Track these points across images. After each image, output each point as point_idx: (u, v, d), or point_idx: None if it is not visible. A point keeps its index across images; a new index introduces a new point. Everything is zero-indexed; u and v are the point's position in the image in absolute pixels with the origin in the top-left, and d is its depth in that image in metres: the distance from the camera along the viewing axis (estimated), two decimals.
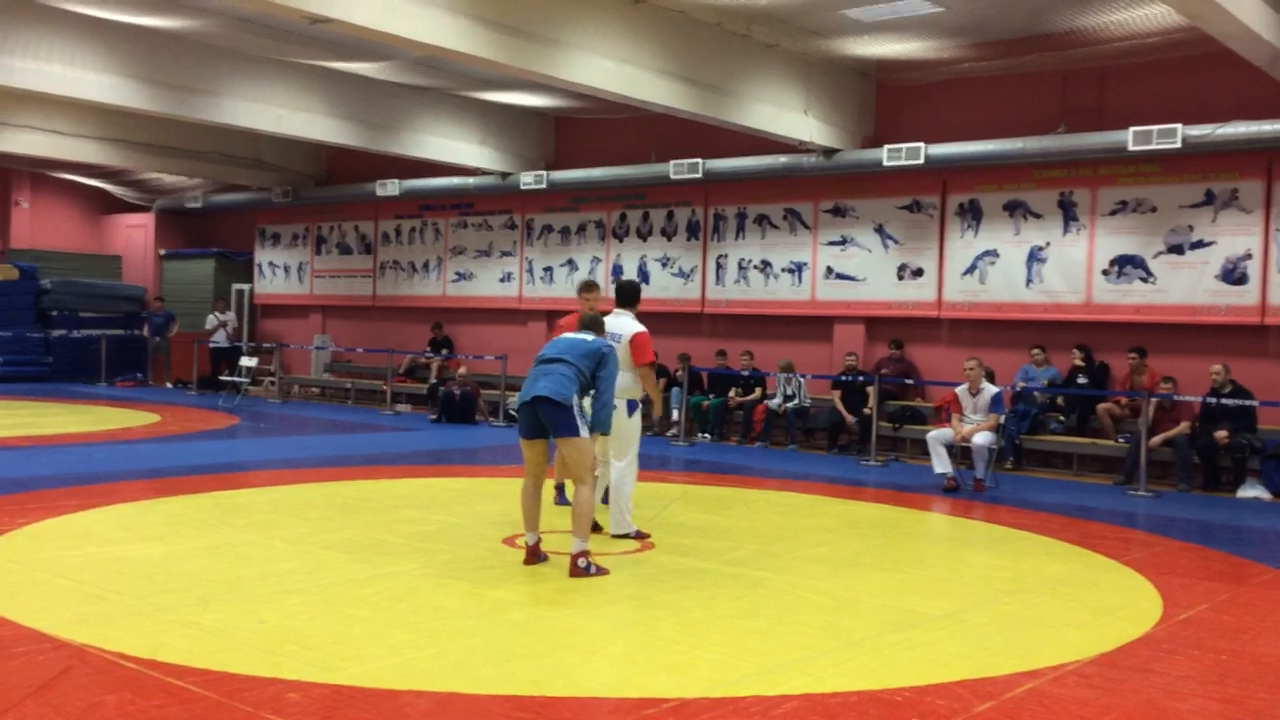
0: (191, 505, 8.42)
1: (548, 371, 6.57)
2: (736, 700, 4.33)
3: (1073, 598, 6.44)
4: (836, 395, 14.21)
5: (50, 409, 16.26)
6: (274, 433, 14.64)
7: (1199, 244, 12.44)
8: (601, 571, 6.44)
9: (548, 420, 6.52)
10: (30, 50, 13.09)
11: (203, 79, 14.54)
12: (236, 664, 4.53)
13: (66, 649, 4.68)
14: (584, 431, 6.53)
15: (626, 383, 7.58)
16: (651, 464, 12.36)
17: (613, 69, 11.40)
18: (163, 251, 23.80)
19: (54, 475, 9.60)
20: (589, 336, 6.85)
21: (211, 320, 21.15)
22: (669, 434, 15.15)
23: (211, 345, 20.94)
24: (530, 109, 16.98)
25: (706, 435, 15.06)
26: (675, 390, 15.25)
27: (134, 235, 24.42)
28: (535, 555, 6.66)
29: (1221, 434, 11.39)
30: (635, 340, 7.73)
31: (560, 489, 8.76)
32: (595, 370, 6.64)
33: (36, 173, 22.97)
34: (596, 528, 7.43)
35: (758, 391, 15.03)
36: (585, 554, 6.44)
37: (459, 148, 16.87)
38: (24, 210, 23.70)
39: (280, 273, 22.29)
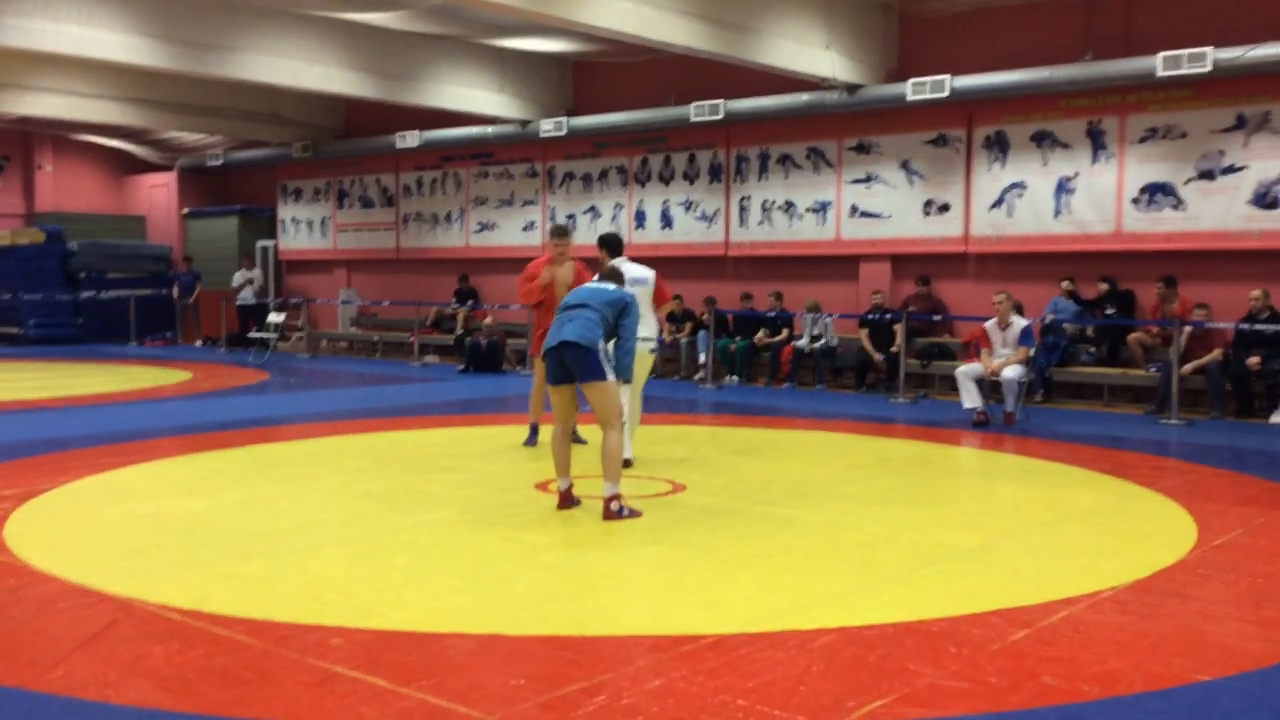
0: (227, 460, 8.52)
1: (572, 318, 6.59)
2: (773, 635, 4.36)
3: (1106, 526, 6.44)
4: (864, 334, 14.15)
5: (82, 370, 16.44)
6: (304, 387, 14.76)
7: (1230, 169, 12.24)
8: (634, 514, 6.48)
9: (574, 365, 6.52)
10: (48, 11, 13.08)
11: (219, 35, 14.49)
12: (279, 613, 4.60)
13: (112, 602, 4.76)
14: (610, 375, 6.54)
15: (651, 324, 8.13)
16: (680, 407, 12.41)
17: (630, 10, 11.27)
18: (186, 210, 23.89)
19: (90, 434, 9.72)
20: (610, 286, 6.86)
21: (238, 277, 21.25)
22: (696, 377, 15.16)
23: (239, 303, 21.06)
24: (548, 55, 16.84)
25: (734, 377, 15.06)
26: (702, 333, 15.23)
27: (157, 195, 24.51)
28: (568, 500, 6.71)
29: (1254, 360, 11.29)
30: (660, 282, 8.26)
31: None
32: (619, 318, 6.68)
33: (58, 135, 23.04)
34: (627, 463, 7.75)
35: (785, 332, 15.00)
36: (617, 497, 6.48)
37: (477, 96, 16.77)
38: (47, 174, 23.82)
39: (303, 228, 22.34)
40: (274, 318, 19.13)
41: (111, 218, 24.16)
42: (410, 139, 18.85)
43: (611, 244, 8.28)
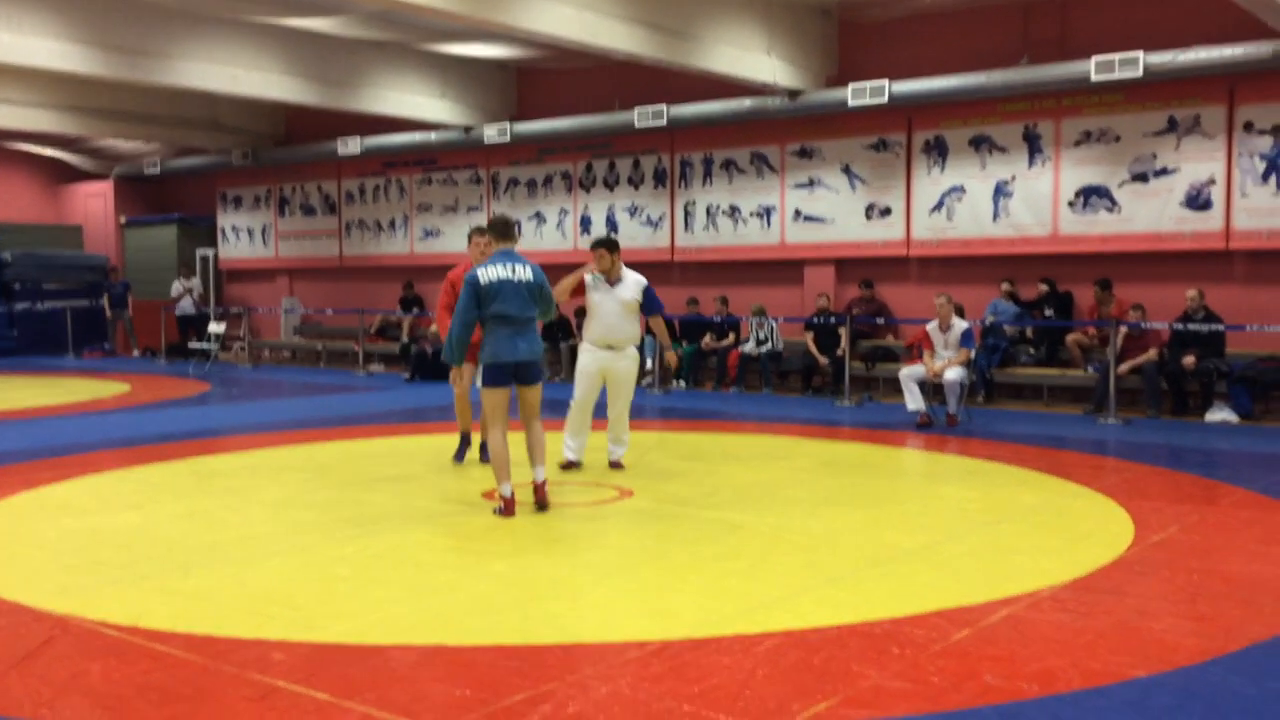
0: (167, 473, 8.39)
1: (522, 332, 6.74)
2: (719, 640, 4.38)
3: (1046, 525, 6.54)
4: (809, 337, 14.26)
5: (18, 382, 16.11)
6: (246, 398, 14.57)
7: (1163, 171, 12.50)
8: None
9: (523, 375, 6.80)
10: None
11: (155, 41, 14.28)
12: (219, 627, 4.54)
13: (48, 620, 4.67)
14: (544, 376, 7.02)
15: (634, 331, 8.42)
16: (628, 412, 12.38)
17: (572, 16, 11.27)
18: (123, 219, 23.49)
19: (26, 448, 9.52)
20: (526, 274, 6.75)
21: (176, 287, 20.96)
22: (644, 383, 15.16)
23: (178, 313, 20.77)
24: (491, 60, 16.78)
25: (681, 382, 15.10)
26: (648, 339, 15.23)
27: (93, 204, 24.08)
28: (513, 506, 6.69)
29: (1189, 359, 11.52)
30: (652, 293, 8.53)
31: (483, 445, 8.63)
32: (544, 296, 6.92)
33: None
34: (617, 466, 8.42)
35: (731, 337, 15.06)
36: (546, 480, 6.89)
37: (420, 102, 16.67)
38: None
39: (244, 236, 22.06)
40: (214, 328, 18.87)
41: (47, 228, 23.68)
42: (352, 145, 18.69)
43: (614, 244, 8.41)
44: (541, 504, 6.75)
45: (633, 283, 8.34)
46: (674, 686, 3.86)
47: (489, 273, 6.67)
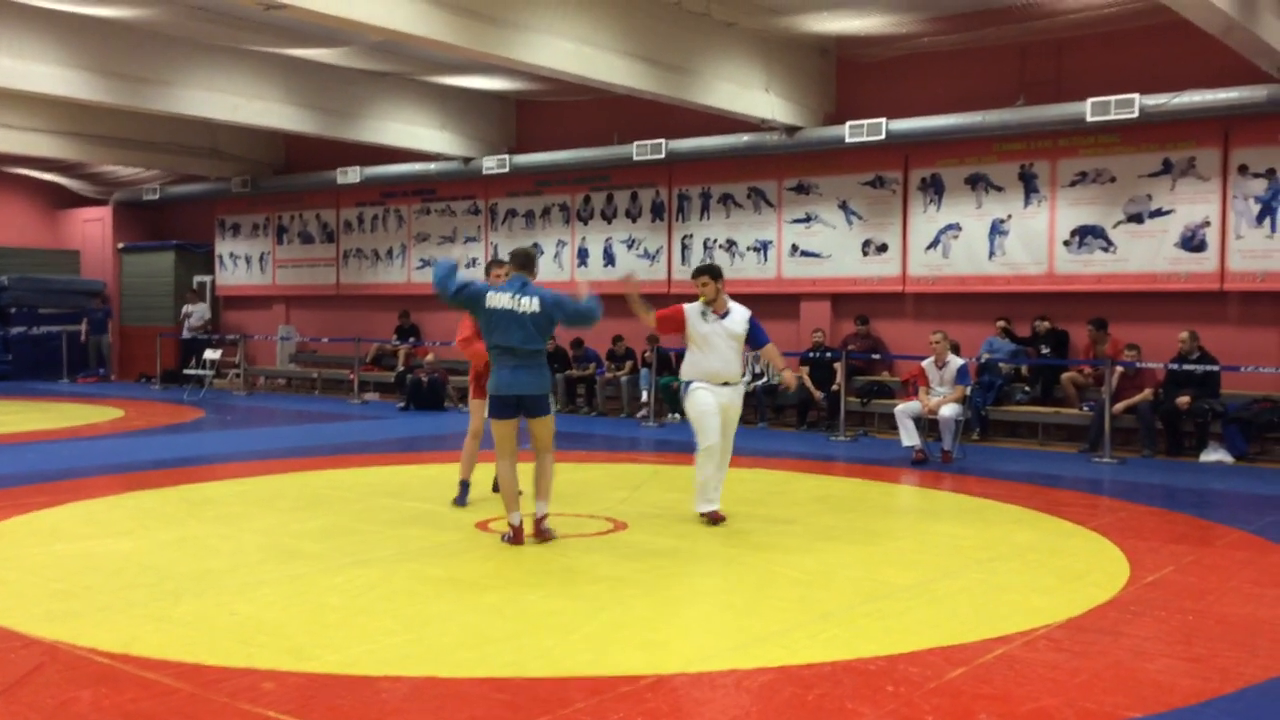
0: (159, 499, 8.36)
1: (526, 365, 6.69)
2: (712, 675, 4.36)
3: (1041, 564, 6.52)
4: (804, 372, 14.26)
5: (12, 407, 16.05)
6: (240, 425, 14.53)
7: (1158, 212, 12.56)
8: (550, 534, 6.83)
9: (528, 407, 6.77)
10: None
11: (156, 69, 14.35)
12: (210, 656, 4.51)
13: (37, 646, 4.63)
14: (553, 409, 6.90)
15: (740, 363, 7.80)
16: (621, 445, 12.40)
17: (572, 50, 11.35)
18: (121, 245, 23.51)
19: (19, 473, 9.48)
20: (532, 305, 6.66)
21: (187, 309, 21.13)
22: (639, 415, 15.17)
23: (184, 336, 20.84)
24: (490, 93, 16.88)
25: (676, 416, 15.07)
26: (644, 371, 15.25)
27: (91, 229, 24.10)
28: (521, 536, 6.75)
29: (1183, 399, 11.54)
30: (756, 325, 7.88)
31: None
32: (553, 326, 6.83)
33: None
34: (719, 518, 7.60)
35: None
36: (547, 515, 6.84)
37: (419, 133, 16.75)
38: None
39: (241, 264, 22.08)
40: (210, 354, 18.85)
41: (44, 252, 23.69)
42: (351, 175, 18.75)
43: (715, 272, 7.72)
44: (541, 537, 6.73)
45: (740, 315, 7.74)
46: None
47: (496, 298, 6.73)
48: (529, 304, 6.68)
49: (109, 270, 23.59)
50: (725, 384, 7.65)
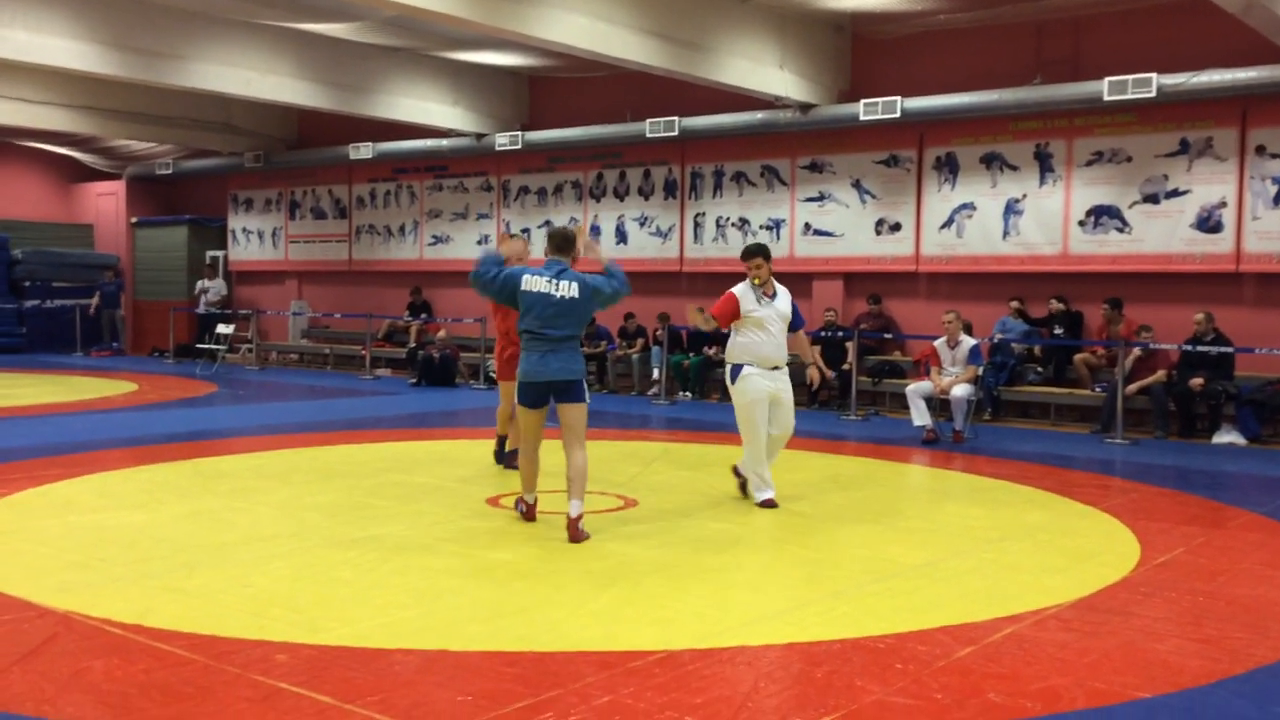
0: (173, 472, 8.40)
1: (556, 349, 6.33)
2: (721, 651, 4.37)
3: (1051, 544, 6.52)
4: (816, 350, 14.22)
5: (26, 380, 16.14)
6: (253, 399, 14.59)
7: (1174, 193, 12.48)
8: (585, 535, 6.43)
9: (560, 391, 6.43)
10: None
11: (171, 43, 14.34)
12: (223, 628, 4.54)
13: (51, 616, 4.67)
14: (587, 396, 6.54)
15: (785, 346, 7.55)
16: (632, 423, 12.42)
17: (586, 26, 11.30)
18: (134, 219, 23.56)
19: (33, 445, 9.54)
20: (571, 290, 6.34)
21: (200, 285, 21.18)
22: (650, 393, 15.18)
23: (200, 311, 20.93)
24: (503, 68, 16.84)
25: (687, 394, 15.09)
26: (655, 349, 15.26)
27: (105, 203, 24.15)
28: (534, 514, 6.77)
29: (1197, 381, 11.49)
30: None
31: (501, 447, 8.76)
32: (590, 314, 6.64)
33: (3, 142, 22.64)
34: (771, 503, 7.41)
35: None
36: (583, 515, 6.40)
37: (432, 109, 16.73)
38: None
39: (254, 239, 22.11)
40: (223, 329, 18.91)
41: (58, 226, 23.76)
42: (364, 150, 18.74)
43: (768, 253, 7.54)
44: (576, 538, 6.27)
45: (785, 295, 7.56)
46: (677, 697, 3.85)
47: (532, 281, 6.38)
48: (568, 289, 6.34)
49: (122, 245, 23.65)
50: (775, 368, 7.42)
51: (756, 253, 7.49)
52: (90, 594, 5.00)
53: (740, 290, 7.50)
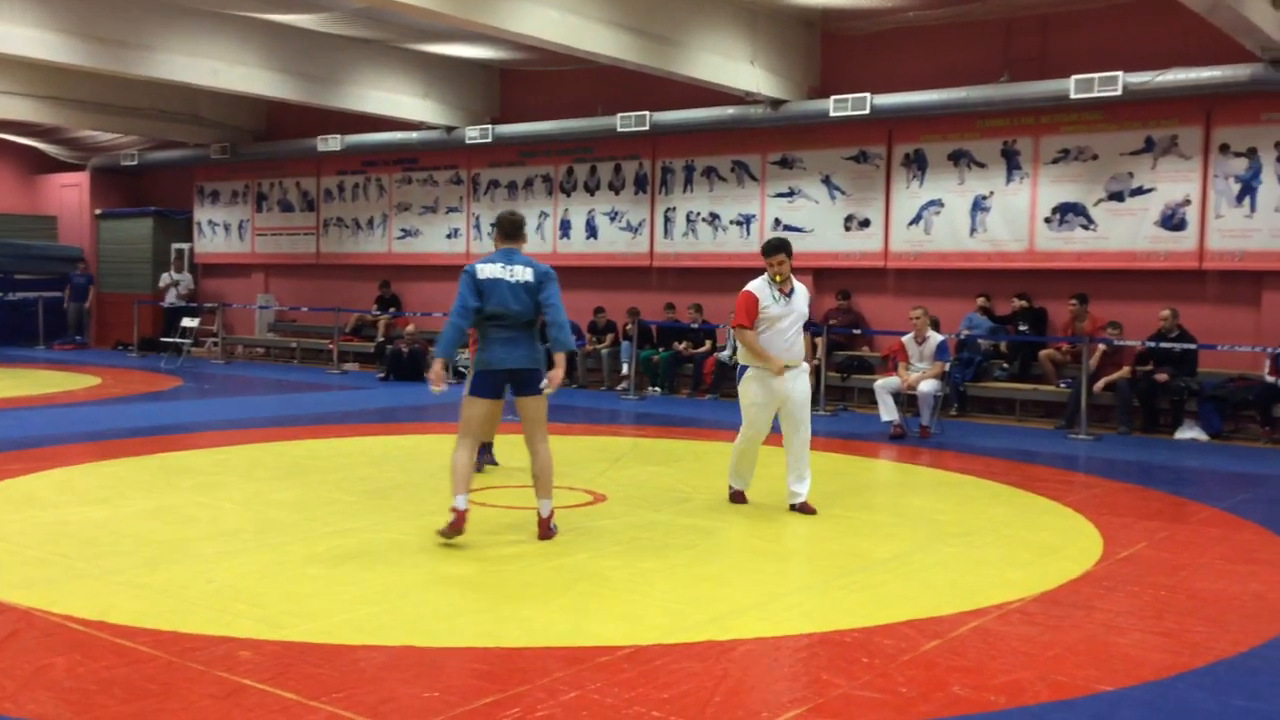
0: (136, 467, 8.32)
1: (519, 338, 6.20)
2: (690, 646, 4.38)
3: (1015, 539, 6.57)
4: (819, 344, 14.27)
5: None
6: (218, 393, 14.47)
7: (1139, 191, 12.60)
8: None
9: (519, 382, 6.25)
10: None
11: (137, 33, 14.17)
12: (186, 624, 4.50)
13: (12, 612, 4.62)
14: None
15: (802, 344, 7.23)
16: (602, 418, 12.41)
17: (557, 19, 11.27)
18: (99, 211, 23.28)
19: None
20: (525, 275, 6.20)
21: (165, 279, 20.92)
22: (619, 388, 15.18)
23: (166, 305, 20.71)
24: (474, 61, 16.76)
25: (657, 389, 15.10)
26: (625, 344, 15.25)
27: (68, 195, 23.85)
28: (464, 521, 6.03)
29: (1161, 376, 11.61)
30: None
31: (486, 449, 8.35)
32: (539, 298, 6.23)
33: None
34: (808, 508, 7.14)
35: (708, 344, 15.08)
36: (553, 514, 6.31)
37: (402, 101, 16.62)
38: None
39: (220, 231, 21.91)
40: (188, 322, 18.73)
41: (21, 217, 23.42)
42: (332, 143, 18.60)
43: (789, 249, 7.36)
44: (544, 537, 6.21)
45: (802, 291, 7.33)
46: (644, 692, 3.86)
47: (486, 269, 6.23)
48: (521, 273, 6.21)
49: (86, 236, 23.37)
50: (788, 367, 7.11)
51: (779, 249, 7.19)
52: (52, 590, 4.94)
53: (757, 287, 7.25)
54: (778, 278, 7.21)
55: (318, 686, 3.85)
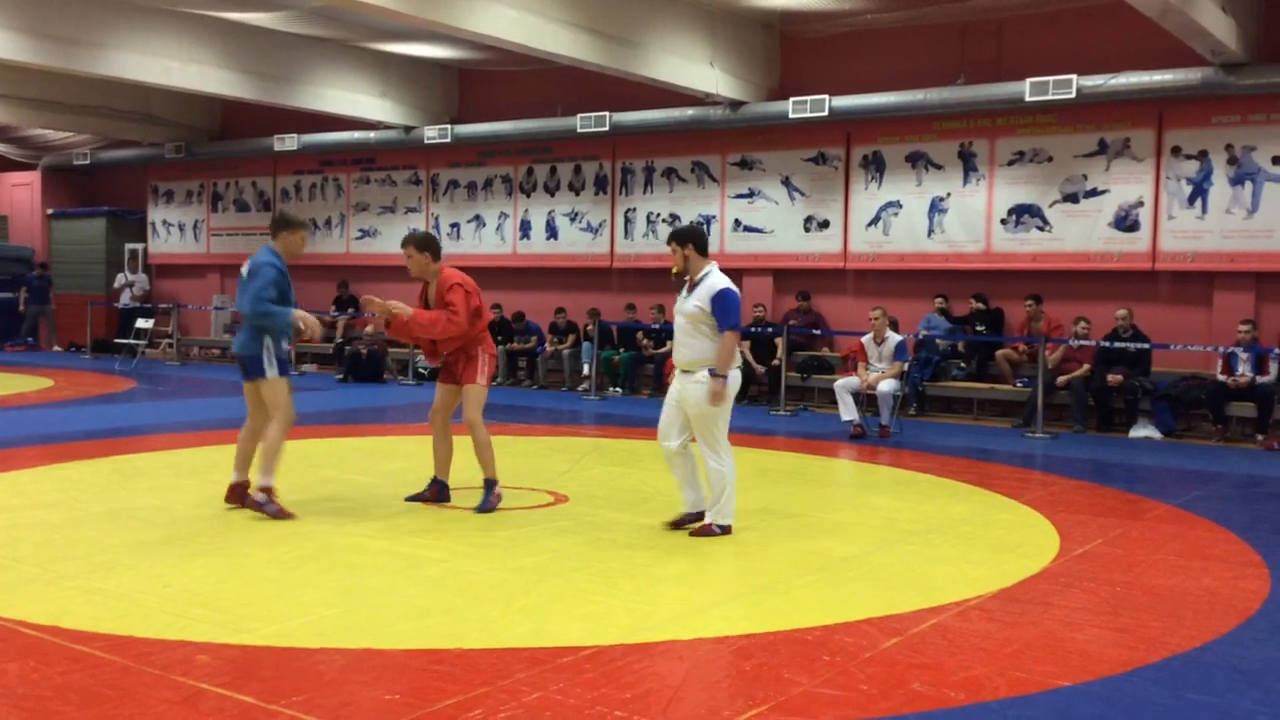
0: (89, 470, 8.20)
1: (245, 326, 6.86)
2: (651, 645, 4.38)
3: (973, 536, 6.63)
4: (745, 346, 14.33)
5: None
6: (173, 395, 14.29)
7: (1093, 192, 12.77)
8: (285, 514, 6.57)
9: (245, 368, 6.84)
10: None
11: (89, 30, 13.97)
12: (142, 628, 4.44)
13: None
14: (272, 372, 6.76)
15: (700, 347, 6.39)
16: (563, 419, 12.39)
17: (516, 19, 11.24)
18: (50, 211, 22.93)
19: None
20: (245, 269, 7.00)
21: (120, 279, 20.63)
22: (580, 388, 15.16)
23: (121, 306, 20.42)
24: (433, 61, 16.68)
25: (618, 389, 15.09)
26: (586, 345, 15.24)
27: (19, 194, 23.48)
28: (239, 496, 6.81)
29: (1115, 377, 11.77)
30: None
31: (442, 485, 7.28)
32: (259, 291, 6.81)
33: None
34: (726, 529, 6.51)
35: (669, 344, 15.08)
36: (270, 490, 6.63)
37: (359, 101, 16.50)
38: None
39: (175, 231, 21.65)
40: (142, 323, 18.49)
41: None
42: (289, 142, 18.44)
43: (682, 237, 6.50)
44: (243, 505, 6.75)
45: (705, 290, 6.32)
46: (606, 692, 3.85)
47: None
48: (244, 268, 6.94)
49: (38, 237, 23.02)
50: (683, 371, 6.44)
51: (671, 237, 6.52)
52: (4, 595, 4.86)
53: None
54: (674, 269, 6.54)
55: (277, 690, 3.81)
